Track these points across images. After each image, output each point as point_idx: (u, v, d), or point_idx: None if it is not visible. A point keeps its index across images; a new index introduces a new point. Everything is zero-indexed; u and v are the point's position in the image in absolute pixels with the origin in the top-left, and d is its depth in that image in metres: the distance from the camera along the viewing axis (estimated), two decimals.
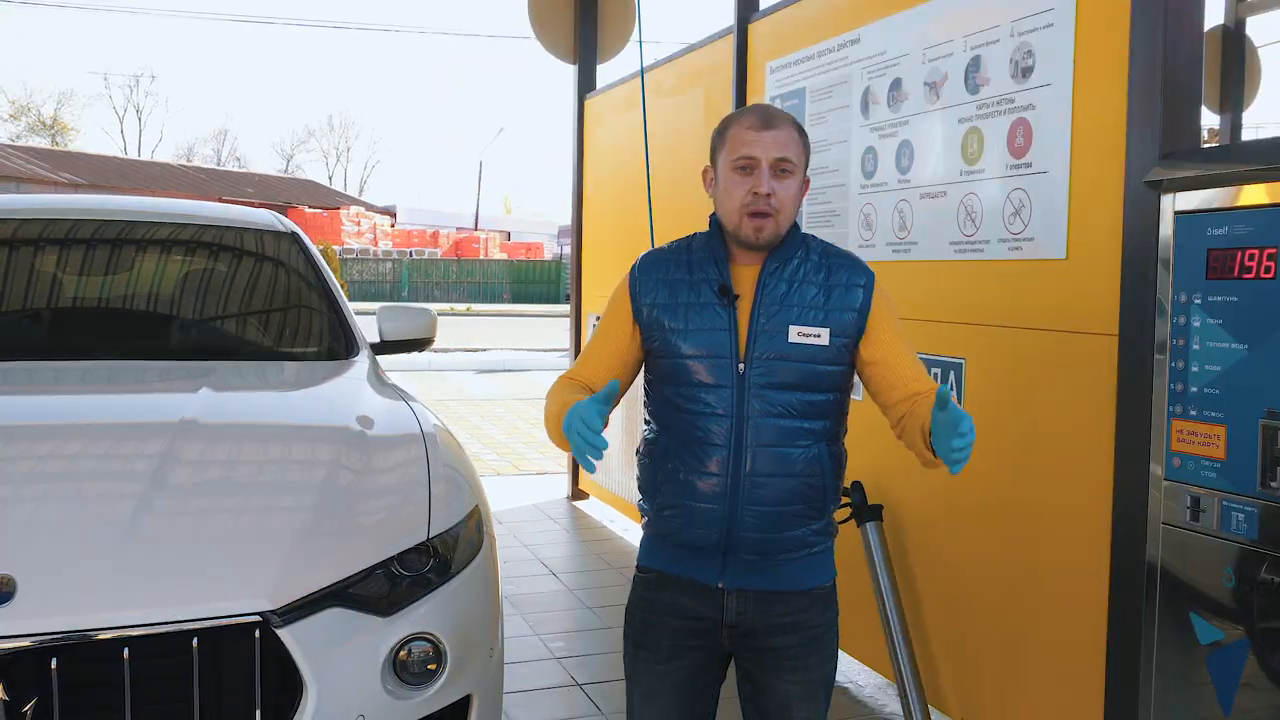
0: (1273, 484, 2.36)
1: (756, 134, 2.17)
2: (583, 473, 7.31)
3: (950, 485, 3.47)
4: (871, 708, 3.97)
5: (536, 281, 41.92)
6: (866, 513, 3.67)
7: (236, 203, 36.67)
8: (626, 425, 6.29)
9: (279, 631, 2.18)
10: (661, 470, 2.26)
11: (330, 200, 49.42)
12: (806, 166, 2.26)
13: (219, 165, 63.53)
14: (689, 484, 2.20)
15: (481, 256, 44.41)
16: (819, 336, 2.17)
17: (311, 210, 42.54)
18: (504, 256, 45.19)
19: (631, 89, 6.42)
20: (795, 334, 2.17)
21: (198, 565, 2.23)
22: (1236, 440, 2.46)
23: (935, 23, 3.59)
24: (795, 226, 2.28)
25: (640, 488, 2.36)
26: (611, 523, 6.76)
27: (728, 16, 5.05)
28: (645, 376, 2.36)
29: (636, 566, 2.40)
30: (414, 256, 42.05)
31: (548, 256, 46.41)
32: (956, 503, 3.45)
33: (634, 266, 2.34)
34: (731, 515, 2.18)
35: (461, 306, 34.94)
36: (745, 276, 2.23)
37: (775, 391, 2.17)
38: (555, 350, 19.33)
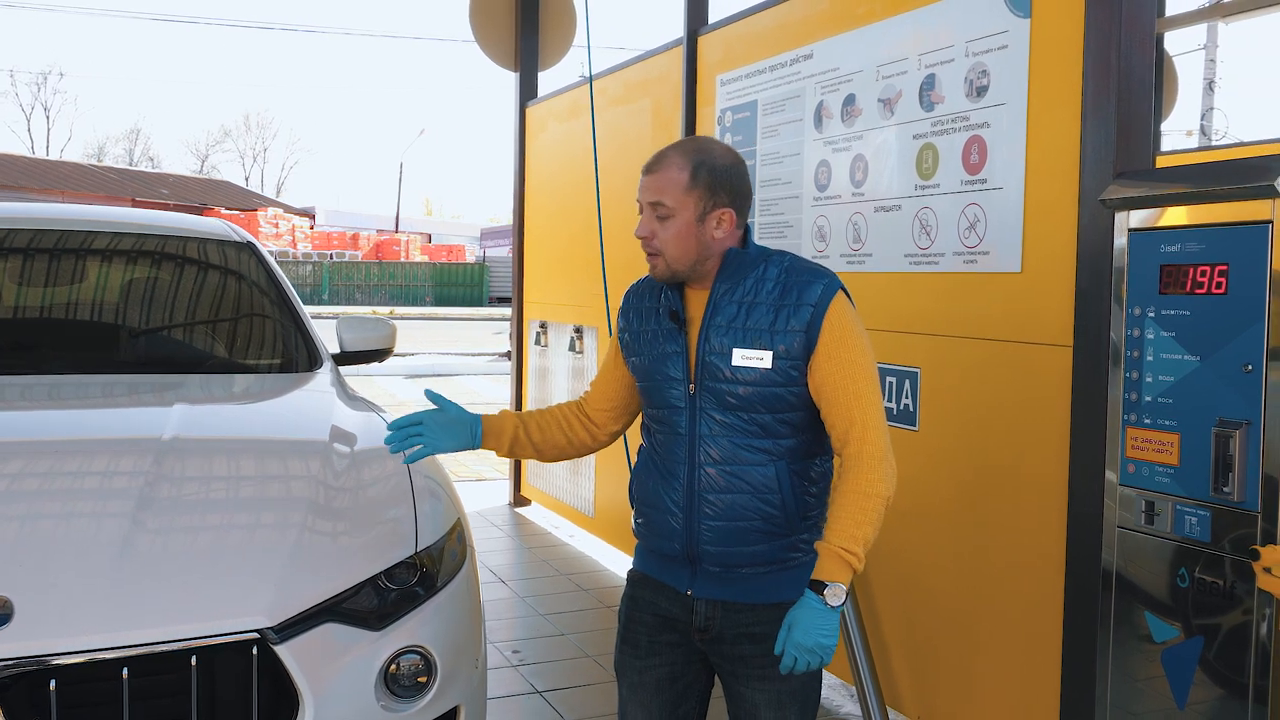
0: (1224, 489, 2.48)
1: (643, 179, 2.28)
2: (525, 479, 7.32)
3: (907, 490, 3.56)
4: (828, 709, 4.06)
5: (459, 284, 41.67)
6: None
7: (150, 205, 35.95)
8: None
9: (276, 648, 2.19)
10: (638, 481, 2.39)
11: (247, 202, 48.60)
12: (710, 201, 2.23)
13: (131, 165, 62.09)
14: (657, 496, 2.31)
15: (403, 259, 44.01)
16: (761, 359, 2.21)
17: (228, 212, 41.72)
18: (425, 259, 44.83)
19: (574, 98, 6.46)
20: (739, 357, 2.21)
21: (194, 584, 2.23)
22: (1189, 447, 2.57)
23: (889, 41, 3.69)
24: (748, 249, 2.30)
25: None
26: (556, 529, 6.79)
27: (671, 28, 5.12)
28: None
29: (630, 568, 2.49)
30: (334, 259, 41.52)
31: (470, 259, 46.14)
32: (914, 507, 3.55)
33: (625, 293, 2.48)
34: (689, 529, 2.27)
35: (384, 310, 34.58)
36: (700, 300, 2.30)
37: (724, 412, 2.24)
38: (484, 354, 19.26)
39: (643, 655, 2.37)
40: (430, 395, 2.39)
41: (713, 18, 5.00)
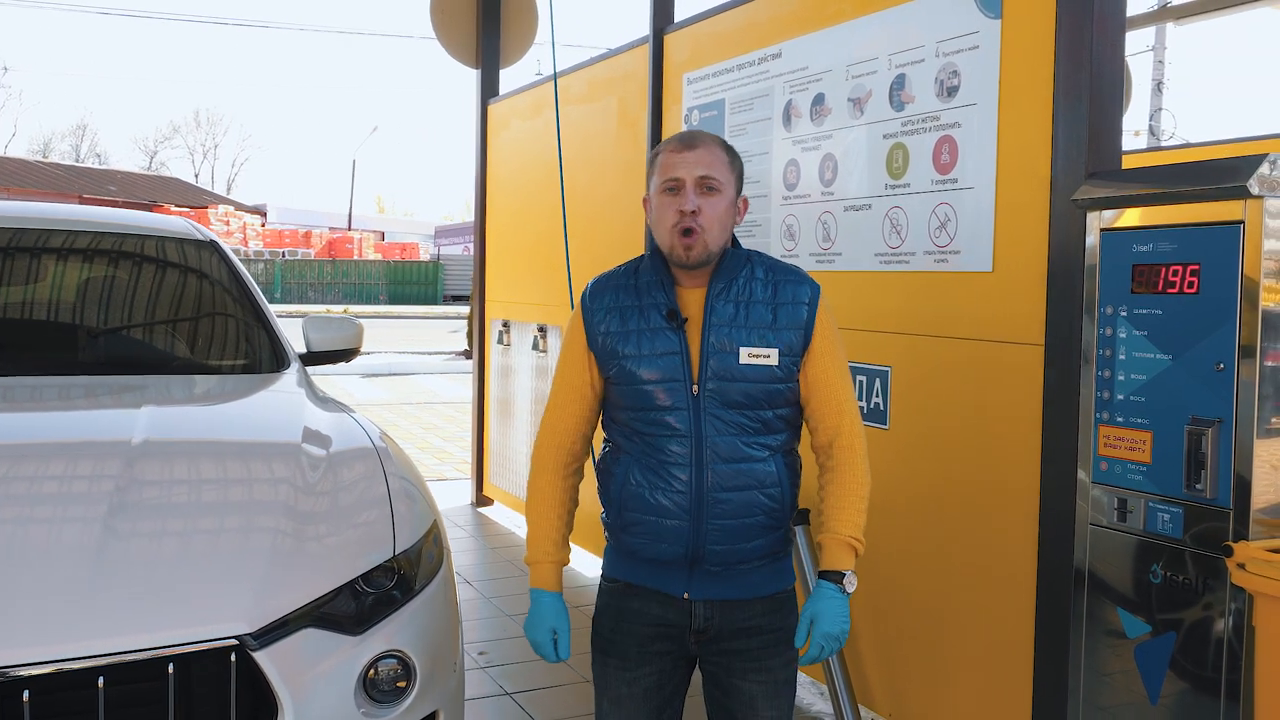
0: (1197, 486, 2.52)
1: (680, 155, 2.26)
2: (487, 479, 7.29)
3: (878, 488, 3.57)
4: (800, 707, 4.07)
5: (414, 282, 41.40)
6: (796, 516, 3.76)
7: (98, 202, 35.37)
8: (533, 427, 6.29)
9: (255, 654, 2.16)
10: (625, 488, 2.31)
11: (197, 199, 48.00)
12: (740, 188, 2.33)
13: (78, 162, 61.05)
14: (655, 502, 2.27)
15: (356, 257, 43.68)
16: (769, 357, 2.24)
17: (178, 209, 41.10)
18: (378, 257, 44.52)
19: (537, 95, 6.43)
20: (746, 355, 2.24)
21: (171, 590, 2.19)
22: (1162, 445, 2.61)
23: (858, 40, 3.70)
24: (736, 246, 2.35)
25: (602, 501, 2.40)
26: (519, 529, 6.75)
27: (635, 26, 5.12)
28: (605, 400, 2.40)
29: (602, 576, 2.44)
30: (287, 257, 41.11)
31: (424, 257, 45.86)
32: (884, 505, 3.55)
33: (584, 294, 2.41)
34: (696, 530, 2.25)
35: (338, 308, 34.29)
36: (692, 299, 2.30)
37: (730, 410, 2.24)
38: (441, 353, 19.16)
39: (631, 666, 2.35)
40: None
41: (679, 16, 5.00)
